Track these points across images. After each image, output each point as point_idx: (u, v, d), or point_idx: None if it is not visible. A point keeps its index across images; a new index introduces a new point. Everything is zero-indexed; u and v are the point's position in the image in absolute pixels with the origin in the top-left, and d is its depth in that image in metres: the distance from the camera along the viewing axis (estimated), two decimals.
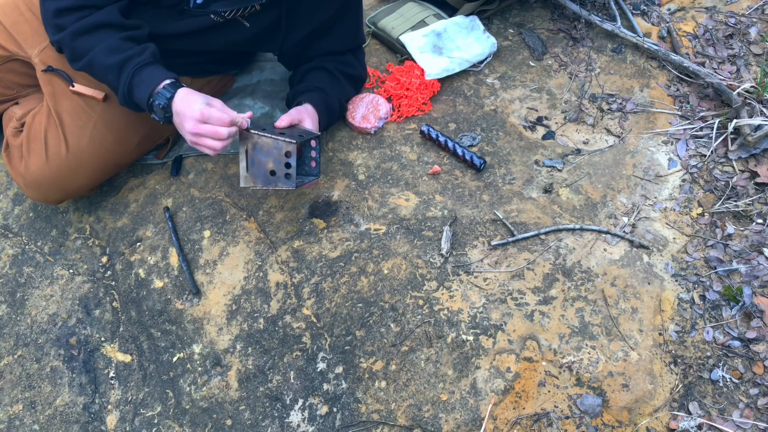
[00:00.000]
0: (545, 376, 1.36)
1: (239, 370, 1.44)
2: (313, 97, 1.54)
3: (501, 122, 1.82)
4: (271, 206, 1.66)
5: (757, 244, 1.54)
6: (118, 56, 1.33)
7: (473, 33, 1.97)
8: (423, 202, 1.63)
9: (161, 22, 1.45)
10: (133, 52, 1.34)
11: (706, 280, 1.49)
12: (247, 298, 1.52)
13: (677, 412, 1.32)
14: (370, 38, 2.06)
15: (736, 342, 1.40)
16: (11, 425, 1.45)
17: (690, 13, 2.11)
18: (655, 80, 1.92)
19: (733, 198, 1.63)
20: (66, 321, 1.56)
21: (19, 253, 1.68)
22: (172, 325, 1.52)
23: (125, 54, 1.33)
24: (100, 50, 1.33)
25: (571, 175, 1.69)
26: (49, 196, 1.58)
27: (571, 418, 1.31)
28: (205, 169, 1.75)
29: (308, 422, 1.36)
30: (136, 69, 1.32)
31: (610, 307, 1.45)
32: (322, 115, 1.55)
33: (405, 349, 1.40)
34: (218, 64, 1.73)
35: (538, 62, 1.98)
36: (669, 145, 1.76)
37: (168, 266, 1.59)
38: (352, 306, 1.47)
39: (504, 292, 1.47)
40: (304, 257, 1.55)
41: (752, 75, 1.87)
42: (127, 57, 1.33)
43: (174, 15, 1.45)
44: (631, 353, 1.38)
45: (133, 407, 1.44)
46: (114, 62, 1.32)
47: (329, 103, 1.58)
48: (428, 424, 1.32)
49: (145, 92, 1.32)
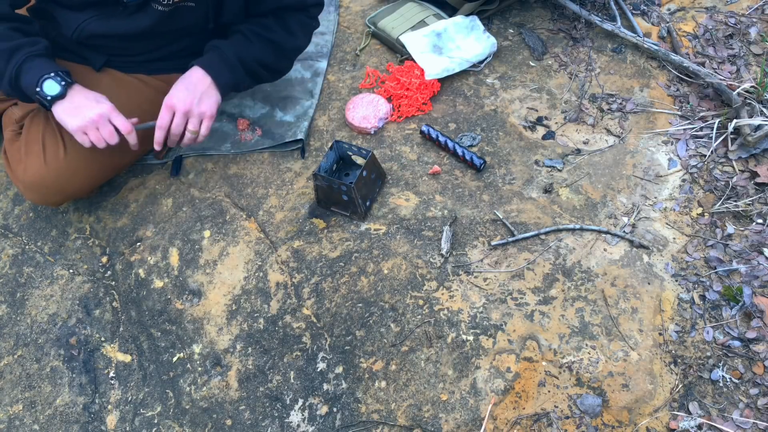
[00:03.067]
0: (545, 376, 1.36)
1: (239, 370, 1.44)
2: (202, 59, 1.53)
3: (501, 122, 1.82)
4: (271, 206, 1.66)
5: (757, 244, 1.54)
6: (8, 43, 1.36)
7: (473, 33, 1.97)
8: (423, 202, 1.63)
9: (113, 25, 1.47)
10: (24, 41, 1.38)
11: (706, 280, 1.49)
12: (247, 298, 1.52)
13: (677, 412, 1.32)
14: (370, 38, 2.06)
15: (736, 342, 1.40)
16: (11, 425, 1.45)
17: (690, 13, 2.11)
18: (655, 80, 1.92)
19: (733, 198, 1.63)
20: (66, 321, 1.56)
21: (19, 253, 1.68)
22: (172, 325, 1.52)
23: (15, 42, 1.37)
24: None
25: (571, 175, 1.69)
26: (48, 199, 1.58)
27: (571, 418, 1.31)
28: (205, 169, 1.75)
29: (308, 422, 1.36)
30: (27, 57, 1.36)
31: (610, 307, 1.45)
32: (212, 70, 1.51)
33: (405, 349, 1.40)
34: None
35: (538, 62, 1.98)
36: (669, 145, 1.76)
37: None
38: (352, 306, 1.47)
39: (504, 292, 1.47)
40: (304, 257, 1.55)
41: (752, 75, 1.87)
42: (18, 45, 1.37)
43: (119, 14, 1.45)
44: (631, 353, 1.38)
45: (133, 407, 1.44)
46: (3, 48, 1.35)
47: (225, 59, 1.53)
48: (428, 424, 1.32)
49: (35, 77, 1.36)
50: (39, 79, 1.36)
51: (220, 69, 1.52)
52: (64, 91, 1.39)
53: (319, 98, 1.90)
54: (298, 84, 1.90)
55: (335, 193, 1.56)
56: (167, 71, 1.65)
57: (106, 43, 1.54)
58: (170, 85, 1.67)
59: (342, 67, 1.99)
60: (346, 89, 1.92)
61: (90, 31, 1.48)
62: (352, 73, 1.97)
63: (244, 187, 1.70)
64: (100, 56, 1.57)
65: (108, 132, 1.42)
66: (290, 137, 1.77)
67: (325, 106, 1.88)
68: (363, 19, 2.12)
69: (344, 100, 1.88)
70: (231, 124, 1.82)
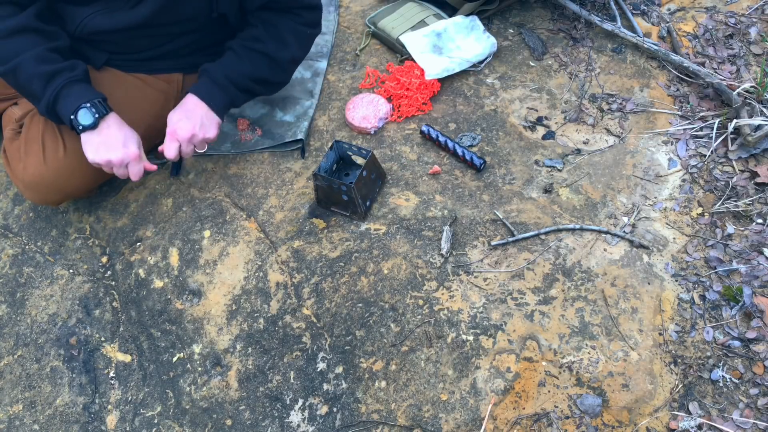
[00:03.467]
0: (545, 376, 1.36)
1: (239, 370, 1.44)
2: (196, 86, 1.56)
3: (501, 122, 1.82)
4: (271, 206, 1.66)
5: (757, 244, 1.54)
6: (48, 67, 1.37)
7: (473, 33, 1.97)
8: (423, 202, 1.63)
9: (116, 18, 1.46)
10: (64, 66, 1.39)
11: (706, 280, 1.49)
12: (247, 298, 1.52)
13: (677, 412, 1.32)
14: (370, 38, 2.06)
15: (736, 342, 1.40)
16: (11, 425, 1.45)
17: (690, 13, 2.11)
18: (655, 80, 1.92)
19: (733, 198, 1.63)
20: (66, 321, 1.56)
21: (19, 253, 1.68)
22: (172, 325, 1.52)
23: (55, 66, 1.37)
24: (29, 57, 1.36)
25: (571, 175, 1.69)
26: (47, 198, 1.58)
27: (571, 418, 1.31)
28: (205, 169, 1.75)
29: (308, 422, 1.36)
30: (67, 83, 1.37)
31: (610, 307, 1.45)
32: (205, 96, 1.53)
33: (405, 349, 1.40)
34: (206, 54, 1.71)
35: (538, 62, 1.98)
36: (669, 145, 1.76)
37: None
38: (352, 306, 1.47)
39: (504, 292, 1.47)
40: (304, 257, 1.55)
41: (752, 75, 1.87)
42: (58, 69, 1.37)
43: (122, 6, 1.45)
44: (631, 353, 1.38)
45: (133, 407, 1.44)
46: (43, 72, 1.36)
47: (215, 81, 1.55)
48: (428, 424, 1.32)
49: (75, 104, 1.37)
50: (77, 108, 1.38)
51: (212, 93, 1.54)
52: (96, 123, 1.40)
53: (319, 98, 1.90)
54: (298, 84, 1.90)
55: (335, 193, 1.56)
56: (167, 71, 1.65)
57: (108, 39, 1.53)
58: (170, 84, 1.67)
59: (342, 67, 1.99)
60: (346, 89, 1.92)
61: (93, 27, 1.48)
62: (352, 73, 1.97)
63: (244, 187, 1.70)
64: (101, 54, 1.57)
65: (121, 173, 1.46)
66: (290, 137, 1.77)
67: (325, 106, 1.88)
68: (363, 19, 2.12)
69: (344, 100, 1.88)
70: (231, 124, 1.81)
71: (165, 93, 1.66)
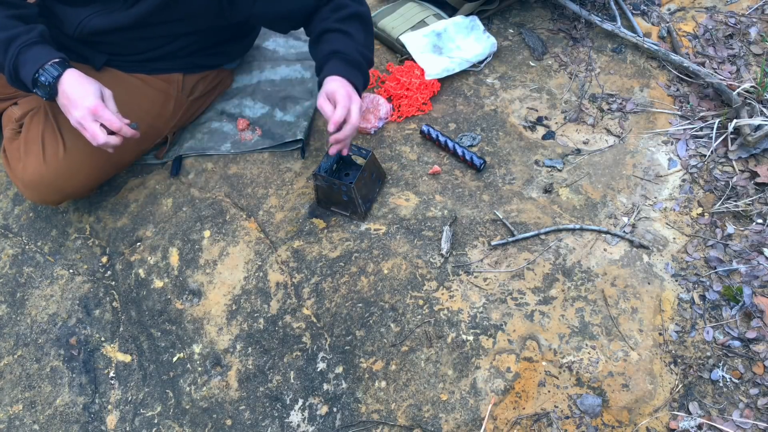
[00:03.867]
0: (545, 376, 1.36)
1: (239, 370, 1.44)
2: (332, 66, 1.49)
3: (501, 122, 1.82)
4: (271, 206, 1.66)
5: (757, 244, 1.54)
6: (4, 33, 1.33)
7: (473, 33, 1.97)
8: (423, 202, 1.63)
9: (114, 19, 1.45)
10: (20, 30, 1.35)
11: (706, 280, 1.49)
12: (247, 298, 1.52)
13: (677, 412, 1.32)
14: None
15: (736, 342, 1.40)
16: (11, 425, 1.45)
17: (690, 13, 2.11)
18: (655, 80, 1.92)
19: (733, 198, 1.63)
20: (66, 321, 1.56)
21: (19, 253, 1.68)
22: (172, 325, 1.52)
23: (12, 32, 1.34)
24: None
25: (571, 175, 1.69)
26: (47, 198, 1.58)
27: (571, 418, 1.31)
28: (205, 169, 1.75)
29: (308, 422, 1.36)
30: (22, 47, 1.33)
31: (610, 307, 1.45)
32: (349, 74, 1.49)
33: (405, 349, 1.40)
34: (206, 55, 1.71)
35: (538, 62, 1.98)
36: (669, 145, 1.76)
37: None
38: (352, 306, 1.47)
39: (504, 292, 1.47)
40: (304, 257, 1.55)
41: (752, 75, 1.88)
42: (14, 35, 1.34)
43: (120, 6, 1.45)
44: (631, 353, 1.38)
45: (133, 407, 1.44)
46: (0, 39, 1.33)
47: (350, 60, 1.50)
48: (428, 424, 1.32)
49: (31, 70, 1.33)
50: (33, 75, 1.34)
51: (348, 71, 1.48)
52: (53, 91, 1.35)
53: None
54: (298, 84, 1.90)
55: (335, 193, 1.56)
56: (167, 71, 1.65)
57: (107, 40, 1.53)
58: (171, 84, 1.67)
59: None
60: None
61: (91, 28, 1.47)
62: None
63: (244, 187, 1.70)
64: (100, 55, 1.57)
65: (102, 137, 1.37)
66: (290, 137, 1.77)
67: None
68: None
69: None
70: (231, 124, 1.82)
71: (165, 93, 1.66)
